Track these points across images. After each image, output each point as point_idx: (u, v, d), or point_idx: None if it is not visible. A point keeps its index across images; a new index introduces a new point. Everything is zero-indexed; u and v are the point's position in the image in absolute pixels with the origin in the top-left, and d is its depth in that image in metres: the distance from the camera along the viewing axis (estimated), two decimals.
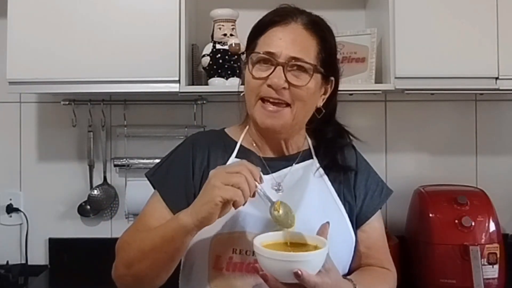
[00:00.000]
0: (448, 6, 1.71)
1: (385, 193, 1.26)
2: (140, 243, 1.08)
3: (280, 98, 1.11)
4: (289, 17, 1.13)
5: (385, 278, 1.21)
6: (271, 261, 0.94)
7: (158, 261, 1.06)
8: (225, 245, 1.10)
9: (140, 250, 1.07)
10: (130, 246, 1.10)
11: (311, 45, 1.13)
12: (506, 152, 2.11)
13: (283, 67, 1.10)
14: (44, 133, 2.10)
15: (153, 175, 1.21)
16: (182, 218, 1.01)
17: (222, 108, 2.01)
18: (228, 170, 1.00)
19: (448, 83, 1.73)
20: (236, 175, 0.98)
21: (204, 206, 0.98)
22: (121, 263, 1.11)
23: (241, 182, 0.97)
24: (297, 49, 1.10)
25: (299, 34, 1.12)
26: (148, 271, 1.07)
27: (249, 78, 1.13)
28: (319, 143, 1.26)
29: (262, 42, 1.13)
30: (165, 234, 1.04)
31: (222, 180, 0.97)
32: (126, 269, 1.09)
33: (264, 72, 1.11)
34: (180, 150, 1.23)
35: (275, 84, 1.09)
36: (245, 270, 1.09)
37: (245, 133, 1.24)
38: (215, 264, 1.10)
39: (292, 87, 1.10)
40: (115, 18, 1.71)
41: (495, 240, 1.73)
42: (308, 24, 1.13)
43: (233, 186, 0.96)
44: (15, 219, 2.08)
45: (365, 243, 1.22)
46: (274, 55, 1.10)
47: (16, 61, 1.70)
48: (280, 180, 1.18)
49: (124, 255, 1.11)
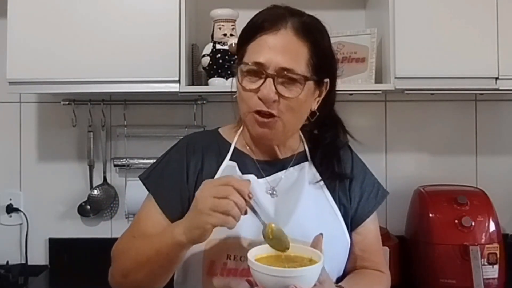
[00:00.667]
0: (448, 6, 1.72)
1: (380, 194, 1.24)
2: (136, 254, 1.08)
3: (270, 112, 1.08)
4: (279, 23, 1.08)
5: (379, 281, 1.20)
6: (266, 276, 0.93)
7: (154, 271, 1.06)
8: (219, 250, 1.09)
9: (135, 261, 1.07)
10: (126, 255, 1.10)
11: (302, 52, 1.08)
12: (506, 152, 2.11)
13: (273, 79, 1.06)
14: (44, 133, 2.10)
15: (147, 178, 1.19)
16: (176, 236, 1.00)
17: (222, 108, 2.00)
18: (214, 193, 0.96)
19: (448, 83, 1.73)
20: (224, 201, 0.94)
21: (195, 230, 0.97)
22: (117, 272, 1.11)
23: (229, 208, 0.94)
24: (287, 59, 1.06)
25: (289, 41, 1.08)
26: (144, 281, 1.07)
27: (239, 89, 1.11)
28: (315, 147, 1.23)
29: (251, 50, 1.09)
30: (160, 249, 1.03)
31: (210, 206, 0.95)
32: (123, 278, 1.09)
33: (254, 84, 1.08)
34: (174, 153, 1.21)
35: (265, 97, 1.06)
36: (239, 276, 1.08)
37: (239, 135, 1.22)
38: (209, 270, 1.09)
39: (282, 99, 1.08)
40: (115, 18, 1.71)
41: (495, 240, 1.73)
42: (298, 29, 1.09)
43: (222, 213, 0.95)
44: (15, 219, 2.08)
45: (360, 245, 1.20)
46: (263, 66, 1.06)
47: (16, 61, 1.70)
48: (275, 184, 1.17)
49: (120, 264, 1.11)
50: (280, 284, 0.92)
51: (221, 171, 1.17)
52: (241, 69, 1.10)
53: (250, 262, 0.95)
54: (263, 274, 0.93)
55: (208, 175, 1.15)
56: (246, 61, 1.09)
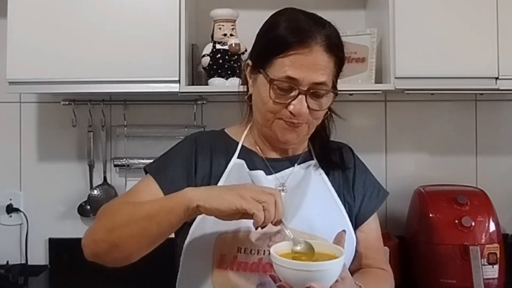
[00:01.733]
0: (448, 6, 1.71)
1: (381, 195, 1.28)
2: (133, 209, 1.05)
3: (300, 122, 1.12)
4: (309, 39, 1.09)
5: (386, 279, 1.23)
6: (289, 271, 0.93)
7: (146, 231, 1.02)
8: (230, 244, 1.10)
9: (129, 215, 1.03)
10: (118, 212, 1.07)
11: (330, 67, 1.12)
12: (506, 152, 2.11)
13: (305, 95, 1.10)
14: (44, 133, 2.09)
15: (150, 166, 1.19)
16: (189, 192, 1.00)
17: (222, 108, 2.01)
18: (262, 189, 1.00)
19: (448, 83, 1.73)
20: (268, 196, 0.97)
21: (219, 200, 0.96)
22: (102, 227, 1.06)
23: (269, 202, 0.96)
24: (319, 74, 1.09)
25: (321, 59, 1.10)
26: (130, 240, 1.02)
27: (267, 99, 1.12)
28: (314, 143, 1.27)
29: (282, 64, 1.10)
30: (164, 204, 1.02)
31: (251, 194, 0.96)
32: (106, 234, 1.04)
33: (284, 97, 1.10)
34: (182, 145, 1.23)
35: (298, 113, 1.10)
36: (249, 270, 1.08)
37: (246, 134, 1.25)
38: (219, 264, 1.10)
39: (311, 111, 1.12)
40: (115, 18, 1.71)
41: (495, 240, 1.73)
42: (328, 45, 1.11)
43: (260, 203, 0.96)
44: (15, 219, 2.08)
45: (363, 243, 1.23)
46: (296, 81, 1.09)
47: (16, 61, 1.70)
48: (283, 180, 1.19)
49: (108, 219, 1.07)
50: (304, 278, 0.92)
51: (229, 169, 1.18)
52: (271, 82, 1.10)
53: (273, 257, 0.95)
54: (286, 269, 0.93)
55: (217, 172, 1.17)
56: (277, 76, 1.10)
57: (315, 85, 1.10)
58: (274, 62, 1.11)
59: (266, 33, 1.16)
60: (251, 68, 1.18)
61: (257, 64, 1.15)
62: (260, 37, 1.18)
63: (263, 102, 1.13)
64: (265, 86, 1.11)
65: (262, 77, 1.13)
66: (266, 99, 1.12)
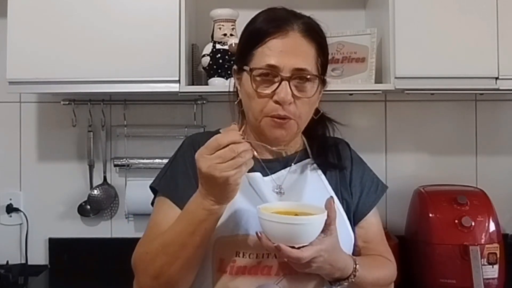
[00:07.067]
0: (448, 6, 1.71)
1: (380, 189, 1.27)
2: (165, 247, 1.04)
3: (286, 115, 1.10)
4: (286, 25, 1.10)
5: (384, 264, 1.22)
6: (273, 224, 0.96)
7: (189, 256, 1.03)
8: (228, 247, 1.09)
9: (166, 254, 1.03)
10: (155, 254, 1.05)
11: (310, 53, 1.11)
12: (506, 152, 2.11)
13: (288, 81, 1.07)
14: (44, 133, 2.10)
15: (159, 184, 1.19)
16: (205, 203, 1.00)
17: (222, 108, 1.96)
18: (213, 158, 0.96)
19: (448, 83, 1.73)
20: (226, 151, 0.95)
21: (214, 189, 0.98)
22: (147, 275, 1.06)
23: (237, 161, 0.95)
24: (299, 60, 1.08)
25: (299, 43, 1.10)
26: (180, 273, 1.04)
27: (252, 94, 1.11)
28: (312, 141, 1.26)
29: (261, 54, 1.10)
30: (195, 226, 1.01)
31: (215, 160, 0.95)
32: (155, 280, 1.05)
33: (268, 88, 1.09)
34: (179, 155, 1.22)
35: (282, 100, 1.07)
36: (248, 273, 1.08)
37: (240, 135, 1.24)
38: (219, 267, 1.09)
39: (297, 100, 1.09)
40: (115, 18, 1.71)
41: (495, 240, 1.73)
42: (305, 30, 1.11)
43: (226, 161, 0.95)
44: (15, 219, 2.08)
45: (363, 238, 1.22)
46: (277, 68, 1.07)
47: (16, 61, 1.70)
48: (280, 182, 1.18)
49: (149, 266, 1.06)
50: (287, 232, 0.96)
51: None
52: (252, 74, 1.10)
53: (259, 212, 0.99)
54: (271, 222, 0.97)
55: None
56: (257, 65, 1.09)
57: (297, 71, 1.08)
58: (254, 53, 1.11)
59: (245, 29, 1.17)
60: (236, 70, 1.18)
61: (241, 62, 1.15)
62: (240, 36, 1.19)
63: (249, 97, 1.12)
64: (248, 80, 1.11)
65: (245, 73, 1.13)
66: (252, 94, 1.11)
